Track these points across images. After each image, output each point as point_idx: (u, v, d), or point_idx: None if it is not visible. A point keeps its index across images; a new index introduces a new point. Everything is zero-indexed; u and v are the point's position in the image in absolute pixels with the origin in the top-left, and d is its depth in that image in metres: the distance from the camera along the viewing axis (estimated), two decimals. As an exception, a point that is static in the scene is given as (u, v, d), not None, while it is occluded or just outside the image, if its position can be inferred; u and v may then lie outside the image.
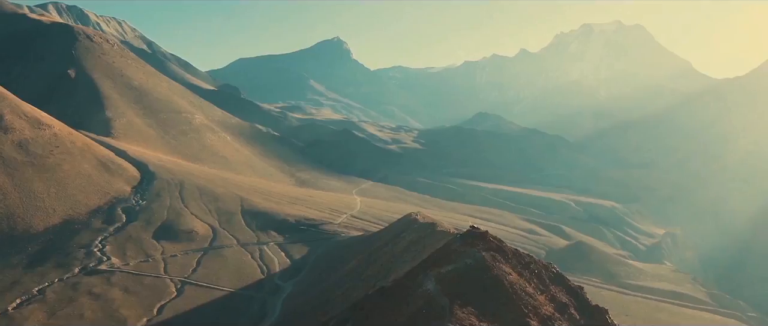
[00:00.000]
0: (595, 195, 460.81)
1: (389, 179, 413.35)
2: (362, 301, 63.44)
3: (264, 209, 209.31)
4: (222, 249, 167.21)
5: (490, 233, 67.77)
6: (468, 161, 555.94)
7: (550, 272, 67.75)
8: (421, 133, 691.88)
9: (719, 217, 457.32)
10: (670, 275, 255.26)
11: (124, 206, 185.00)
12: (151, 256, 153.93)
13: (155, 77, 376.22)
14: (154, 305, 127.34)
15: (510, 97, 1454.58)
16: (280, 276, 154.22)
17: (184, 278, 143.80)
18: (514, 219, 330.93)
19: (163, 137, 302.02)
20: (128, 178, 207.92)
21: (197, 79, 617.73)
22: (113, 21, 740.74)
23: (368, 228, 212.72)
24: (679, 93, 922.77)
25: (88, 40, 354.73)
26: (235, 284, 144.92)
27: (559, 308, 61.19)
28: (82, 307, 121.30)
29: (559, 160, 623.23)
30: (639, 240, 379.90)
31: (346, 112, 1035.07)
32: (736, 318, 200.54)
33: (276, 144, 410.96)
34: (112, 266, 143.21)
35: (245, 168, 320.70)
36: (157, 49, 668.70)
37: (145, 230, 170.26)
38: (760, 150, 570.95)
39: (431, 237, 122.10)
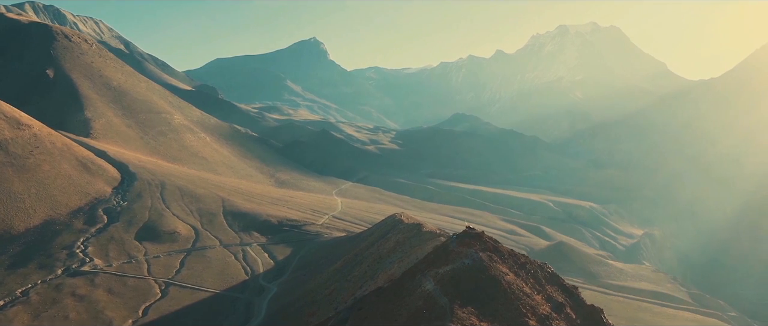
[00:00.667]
0: (574, 196, 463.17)
1: (368, 180, 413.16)
2: (360, 301, 63.35)
3: (246, 210, 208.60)
4: (205, 250, 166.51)
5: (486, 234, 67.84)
6: (446, 162, 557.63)
7: (545, 272, 67.98)
8: (399, 134, 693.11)
9: (697, 218, 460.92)
10: (650, 275, 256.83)
11: (105, 207, 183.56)
12: (134, 257, 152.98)
13: (134, 77, 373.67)
14: (139, 306, 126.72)
15: (486, 97, 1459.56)
16: (265, 277, 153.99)
17: (168, 279, 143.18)
18: (494, 220, 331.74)
19: (142, 137, 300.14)
20: (108, 179, 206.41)
21: (175, 80, 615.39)
22: (90, 20, 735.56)
23: (350, 229, 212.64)
24: (655, 94, 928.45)
25: (67, 39, 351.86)
26: (220, 285, 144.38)
27: (556, 307, 61.37)
28: (67, 309, 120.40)
29: (537, 160, 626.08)
30: (618, 240, 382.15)
31: (323, 112, 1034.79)
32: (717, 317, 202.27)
33: (255, 144, 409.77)
34: (95, 267, 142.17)
35: (225, 169, 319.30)
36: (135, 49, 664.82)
37: (126, 231, 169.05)
38: (735, 151, 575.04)
39: (418, 238, 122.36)
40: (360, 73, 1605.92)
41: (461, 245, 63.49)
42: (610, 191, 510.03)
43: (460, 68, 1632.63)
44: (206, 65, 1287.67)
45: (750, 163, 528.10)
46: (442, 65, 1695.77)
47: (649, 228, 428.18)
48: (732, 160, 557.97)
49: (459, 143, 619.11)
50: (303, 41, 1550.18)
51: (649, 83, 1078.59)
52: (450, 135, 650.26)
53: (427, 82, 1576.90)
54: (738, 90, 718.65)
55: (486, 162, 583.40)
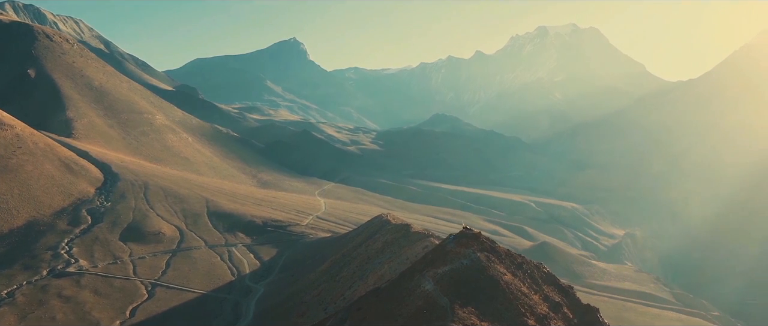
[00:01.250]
0: (555, 197, 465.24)
1: (350, 180, 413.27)
2: (358, 301, 63.36)
3: (230, 210, 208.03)
4: (190, 251, 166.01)
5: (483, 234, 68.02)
6: (427, 162, 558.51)
7: (541, 272, 68.28)
8: (380, 134, 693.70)
9: (677, 219, 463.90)
10: (633, 275, 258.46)
11: (89, 207, 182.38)
12: (120, 258, 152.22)
13: (115, 77, 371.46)
14: (126, 307, 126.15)
15: (466, 98, 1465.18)
16: (251, 278, 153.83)
17: (155, 280, 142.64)
18: (477, 221, 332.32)
19: (124, 138, 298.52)
20: (92, 179, 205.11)
21: (155, 80, 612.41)
22: (70, 20, 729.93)
23: (335, 230, 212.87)
24: (634, 95, 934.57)
25: (48, 39, 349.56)
26: (206, 286, 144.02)
27: (553, 307, 61.72)
28: (54, 310, 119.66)
29: (517, 161, 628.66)
30: (600, 240, 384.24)
31: (303, 113, 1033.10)
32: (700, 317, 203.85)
33: (236, 145, 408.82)
34: (80, 268, 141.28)
35: (207, 170, 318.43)
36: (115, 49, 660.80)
37: (111, 232, 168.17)
38: (715, 152, 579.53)
39: (406, 239, 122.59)
40: (340, 74, 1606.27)
41: (459, 245, 63.63)
42: (590, 191, 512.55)
43: (440, 69, 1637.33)
44: (186, 65, 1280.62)
45: (730, 164, 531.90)
46: (421, 66, 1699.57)
47: (630, 228, 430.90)
48: (712, 161, 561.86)
49: (440, 144, 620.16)
50: (283, 41, 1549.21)
51: (628, 84, 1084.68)
52: (431, 135, 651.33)
53: (406, 83, 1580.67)
54: (717, 91, 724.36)
55: (467, 162, 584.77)
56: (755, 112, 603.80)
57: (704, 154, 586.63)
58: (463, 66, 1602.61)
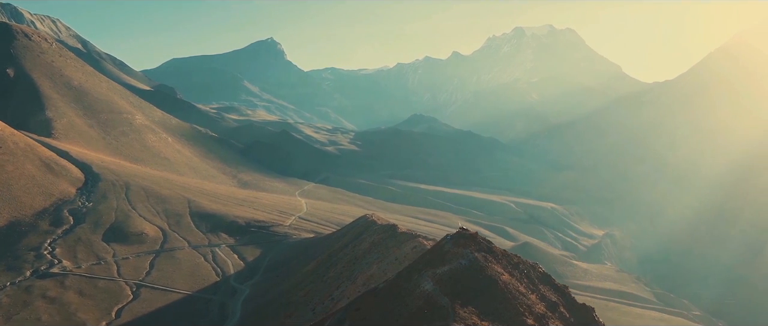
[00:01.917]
0: (534, 197, 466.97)
1: (330, 181, 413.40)
2: (356, 301, 63.40)
3: (212, 211, 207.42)
4: (174, 252, 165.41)
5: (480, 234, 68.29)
6: (405, 163, 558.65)
7: (537, 272, 68.75)
8: (358, 135, 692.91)
9: (655, 219, 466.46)
10: (614, 275, 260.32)
11: (71, 208, 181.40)
12: (103, 259, 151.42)
13: (94, 77, 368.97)
14: (111, 308, 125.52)
15: (442, 99, 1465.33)
16: (236, 278, 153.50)
17: (139, 281, 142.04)
18: (457, 221, 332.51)
19: (104, 138, 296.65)
20: (72, 180, 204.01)
21: (133, 79, 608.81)
22: (47, 19, 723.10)
23: (318, 231, 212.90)
24: (610, 96, 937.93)
25: (27, 38, 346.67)
26: (191, 286, 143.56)
27: (550, 307, 62.15)
28: (39, 311, 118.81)
29: (495, 161, 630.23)
30: (580, 241, 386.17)
31: (281, 113, 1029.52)
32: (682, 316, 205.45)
33: (216, 145, 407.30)
34: (64, 269, 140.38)
35: (187, 170, 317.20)
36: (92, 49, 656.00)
37: (93, 232, 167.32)
38: (692, 153, 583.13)
39: (393, 239, 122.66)
40: (317, 74, 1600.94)
41: (456, 246, 63.86)
42: (568, 192, 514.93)
43: (417, 69, 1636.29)
44: (163, 65, 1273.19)
45: (707, 165, 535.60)
46: (398, 66, 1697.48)
47: (609, 229, 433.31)
48: (689, 162, 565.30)
49: (418, 144, 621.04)
50: (260, 41, 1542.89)
51: (604, 85, 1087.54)
52: (409, 136, 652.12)
53: (383, 83, 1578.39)
54: (693, 92, 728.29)
55: (445, 163, 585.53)
56: (732, 113, 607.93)
57: (681, 155, 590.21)
58: (440, 66, 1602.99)
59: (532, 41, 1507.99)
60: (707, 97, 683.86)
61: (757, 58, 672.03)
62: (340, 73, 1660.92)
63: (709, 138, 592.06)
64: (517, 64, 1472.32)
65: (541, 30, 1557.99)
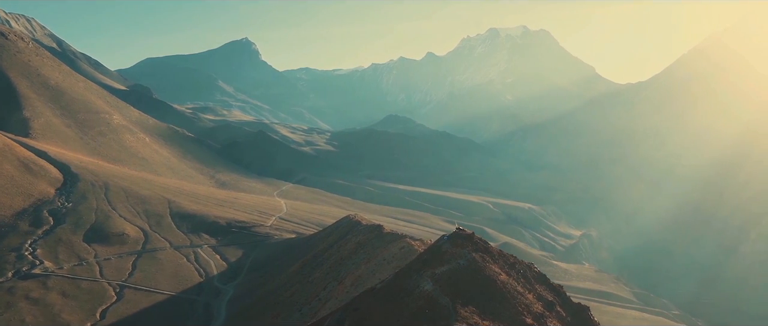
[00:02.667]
0: (511, 198, 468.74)
1: (308, 181, 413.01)
2: (355, 302, 63.52)
3: (193, 211, 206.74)
4: (156, 252, 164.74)
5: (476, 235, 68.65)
6: (382, 163, 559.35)
7: (533, 272, 69.33)
8: (334, 135, 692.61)
9: (631, 219, 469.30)
10: (593, 275, 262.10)
11: (50, 208, 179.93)
12: (85, 260, 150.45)
13: (71, 77, 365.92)
14: (95, 309, 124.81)
15: (417, 99, 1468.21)
16: (219, 279, 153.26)
17: (122, 281, 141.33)
18: (436, 221, 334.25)
19: (82, 138, 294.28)
20: (51, 180, 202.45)
21: (108, 79, 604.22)
22: (22, 18, 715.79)
23: (299, 231, 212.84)
24: (584, 97, 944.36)
25: (2, 37, 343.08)
26: (175, 287, 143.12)
27: (548, 306, 62.70)
28: (22, 312, 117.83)
29: (471, 162, 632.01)
30: (557, 241, 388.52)
31: (255, 113, 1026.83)
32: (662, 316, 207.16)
33: (193, 145, 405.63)
34: (46, 270, 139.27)
35: (165, 170, 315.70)
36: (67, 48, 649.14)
37: (74, 233, 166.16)
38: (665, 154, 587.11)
39: (379, 240, 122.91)
40: (291, 74, 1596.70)
41: (454, 246, 64.16)
42: (544, 192, 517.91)
43: (391, 70, 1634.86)
44: (137, 64, 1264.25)
45: (681, 165, 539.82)
46: (373, 66, 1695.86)
47: (586, 229, 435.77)
48: (663, 162, 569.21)
49: (394, 145, 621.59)
50: (235, 41, 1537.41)
51: (578, 86, 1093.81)
52: (385, 136, 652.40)
53: (358, 84, 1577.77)
54: (666, 94, 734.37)
55: (421, 163, 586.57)
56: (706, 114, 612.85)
57: (655, 156, 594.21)
58: (415, 67, 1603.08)
59: (507, 42, 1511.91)
60: (681, 98, 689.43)
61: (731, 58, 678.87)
62: (315, 74, 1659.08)
63: (683, 138, 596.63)
64: (492, 64, 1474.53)
65: (515, 31, 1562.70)
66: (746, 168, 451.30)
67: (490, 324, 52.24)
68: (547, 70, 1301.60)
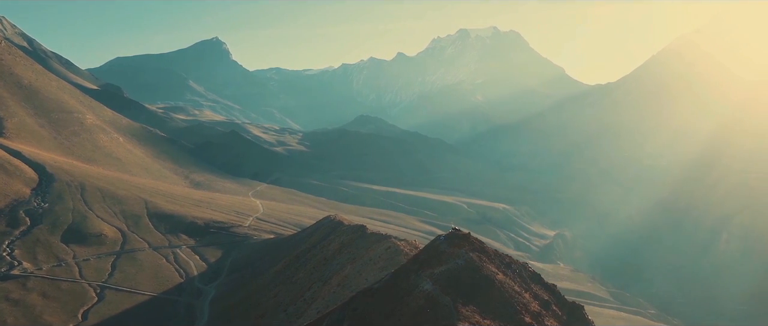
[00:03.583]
0: (484, 198, 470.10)
1: (282, 181, 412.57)
2: (353, 301, 63.59)
3: (170, 212, 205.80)
4: (135, 253, 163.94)
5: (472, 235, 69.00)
6: (354, 163, 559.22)
7: (528, 271, 69.91)
8: (306, 135, 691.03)
9: (603, 219, 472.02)
10: (570, 274, 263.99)
11: (26, 209, 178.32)
12: (64, 260, 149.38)
13: (44, 76, 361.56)
14: (77, 310, 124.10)
15: (387, 99, 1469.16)
16: (200, 280, 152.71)
17: (102, 282, 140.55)
18: (412, 222, 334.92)
19: (55, 138, 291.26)
20: (26, 180, 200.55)
21: (80, 78, 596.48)
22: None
23: (278, 231, 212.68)
24: (554, 98, 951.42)
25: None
26: (156, 288, 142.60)
27: (544, 305, 63.20)
28: (4, 313, 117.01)
29: (443, 162, 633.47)
30: (532, 241, 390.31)
31: (226, 113, 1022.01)
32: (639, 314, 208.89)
33: (166, 145, 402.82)
34: (25, 271, 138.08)
35: (139, 170, 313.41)
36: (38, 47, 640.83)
37: (52, 233, 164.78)
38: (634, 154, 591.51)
39: (364, 240, 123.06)
40: (262, 74, 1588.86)
41: (451, 246, 64.49)
42: (517, 193, 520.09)
43: (362, 70, 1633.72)
44: (107, 64, 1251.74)
45: (651, 166, 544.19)
46: (343, 67, 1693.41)
47: (560, 229, 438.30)
48: (633, 162, 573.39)
49: (366, 145, 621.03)
50: (205, 41, 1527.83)
51: (548, 87, 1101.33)
52: (357, 136, 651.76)
53: (328, 84, 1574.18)
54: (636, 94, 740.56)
55: (394, 164, 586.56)
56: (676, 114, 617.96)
57: (625, 156, 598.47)
58: (385, 67, 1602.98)
59: (477, 43, 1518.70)
60: (651, 99, 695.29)
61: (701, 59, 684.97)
62: (285, 73, 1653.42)
63: (654, 139, 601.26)
64: (462, 65, 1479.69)
65: (486, 32, 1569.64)
66: (717, 169, 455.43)
67: (491, 323, 52.64)
68: (517, 70, 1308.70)
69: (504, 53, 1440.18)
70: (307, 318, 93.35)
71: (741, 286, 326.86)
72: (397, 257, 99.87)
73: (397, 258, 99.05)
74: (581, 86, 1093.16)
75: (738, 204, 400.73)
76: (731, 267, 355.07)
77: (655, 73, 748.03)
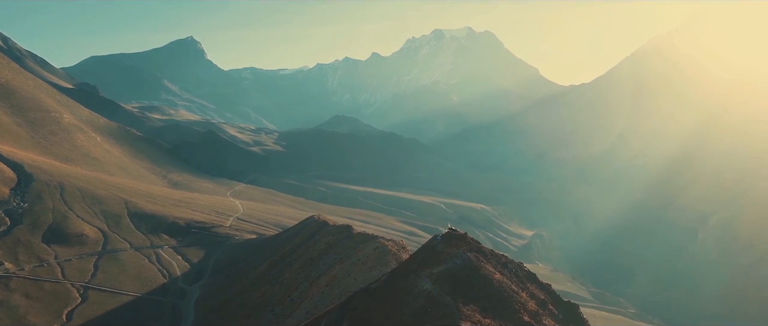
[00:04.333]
0: (461, 198, 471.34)
1: (260, 181, 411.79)
2: (351, 301, 63.75)
3: (151, 212, 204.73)
4: (117, 253, 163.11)
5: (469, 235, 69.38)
6: (331, 163, 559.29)
7: (523, 270, 70.41)
8: (282, 135, 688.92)
9: (580, 219, 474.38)
10: (550, 274, 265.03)
11: (6, 208, 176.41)
12: (46, 261, 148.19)
13: (21, 74, 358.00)
14: (61, 311, 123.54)
15: (362, 99, 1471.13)
16: (184, 280, 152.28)
17: (85, 283, 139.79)
18: (391, 222, 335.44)
19: (33, 137, 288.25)
20: (5, 180, 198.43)
21: (55, 77, 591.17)
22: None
23: (259, 231, 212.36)
24: (528, 98, 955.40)
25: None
26: (140, 288, 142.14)
27: (540, 304, 63.68)
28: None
29: (420, 162, 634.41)
30: (510, 241, 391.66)
31: (201, 112, 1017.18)
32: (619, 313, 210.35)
33: (144, 145, 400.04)
34: (7, 271, 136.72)
35: (117, 170, 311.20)
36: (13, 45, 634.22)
37: (32, 234, 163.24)
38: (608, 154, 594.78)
39: (351, 240, 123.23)
40: (236, 73, 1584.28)
41: (449, 245, 64.89)
42: (494, 193, 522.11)
43: (337, 70, 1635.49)
44: (81, 63, 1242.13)
45: (626, 166, 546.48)
46: (318, 67, 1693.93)
47: (537, 229, 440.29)
48: (607, 162, 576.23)
49: (343, 145, 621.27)
50: (179, 40, 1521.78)
51: (522, 88, 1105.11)
52: (333, 137, 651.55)
53: (303, 84, 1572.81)
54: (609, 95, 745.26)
55: (370, 164, 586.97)
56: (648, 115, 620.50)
57: (599, 156, 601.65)
58: (360, 67, 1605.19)
59: (451, 43, 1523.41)
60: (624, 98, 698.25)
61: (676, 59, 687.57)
62: (260, 73, 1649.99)
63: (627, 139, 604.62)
64: (437, 65, 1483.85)
65: (460, 32, 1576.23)
66: (693, 168, 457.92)
67: (492, 323, 53.00)
68: (491, 71, 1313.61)
69: (479, 54, 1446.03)
70: (296, 318, 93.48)
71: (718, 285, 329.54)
72: (385, 257, 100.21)
73: (385, 258, 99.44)
74: (556, 87, 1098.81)
75: (714, 204, 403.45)
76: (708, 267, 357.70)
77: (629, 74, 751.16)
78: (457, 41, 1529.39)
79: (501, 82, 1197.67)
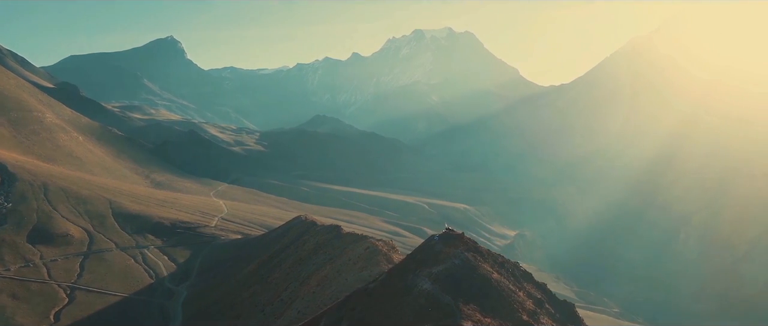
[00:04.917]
0: (444, 198, 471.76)
1: (242, 181, 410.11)
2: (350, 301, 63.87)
3: (135, 212, 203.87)
4: (102, 254, 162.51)
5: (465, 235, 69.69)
6: (313, 163, 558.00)
7: (520, 270, 70.91)
8: (263, 135, 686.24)
9: (561, 219, 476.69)
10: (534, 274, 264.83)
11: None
12: (31, 261, 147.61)
13: (2, 74, 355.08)
14: (48, 311, 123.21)
15: (342, 99, 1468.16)
16: (170, 280, 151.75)
17: (72, 283, 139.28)
18: (375, 222, 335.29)
19: (15, 137, 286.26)
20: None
21: (36, 76, 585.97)
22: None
23: (244, 232, 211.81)
24: (508, 99, 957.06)
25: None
26: (127, 289, 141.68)
27: (537, 303, 64.16)
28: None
29: (401, 163, 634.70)
30: (493, 241, 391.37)
31: (182, 112, 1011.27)
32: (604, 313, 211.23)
33: (126, 145, 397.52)
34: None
35: (100, 170, 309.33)
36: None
37: (17, 234, 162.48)
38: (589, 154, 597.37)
39: (340, 240, 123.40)
40: (216, 73, 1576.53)
41: (447, 245, 65.25)
42: (476, 193, 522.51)
43: (317, 70, 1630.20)
44: (61, 62, 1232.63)
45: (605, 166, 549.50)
46: (298, 66, 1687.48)
47: (520, 229, 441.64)
48: (587, 163, 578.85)
49: (324, 145, 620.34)
50: (160, 40, 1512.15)
51: (503, 88, 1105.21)
52: (314, 137, 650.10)
53: (283, 83, 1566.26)
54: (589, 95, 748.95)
55: (351, 164, 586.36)
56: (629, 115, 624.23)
57: (580, 156, 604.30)
58: (340, 67, 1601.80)
59: (432, 44, 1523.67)
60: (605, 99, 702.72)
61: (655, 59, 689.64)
62: (240, 73, 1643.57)
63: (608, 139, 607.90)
64: (417, 66, 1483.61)
65: (441, 32, 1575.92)
66: (674, 168, 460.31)
67: (492, 322, 53.32)
68: (472, 71, 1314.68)
69: (459, 54, 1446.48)
70: (287, 319, 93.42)
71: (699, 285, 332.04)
72: (375, 257, 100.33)
73: (376, 258, 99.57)
74: (536, 87, 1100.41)
75: (695, 204, 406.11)
76: (690, 266, 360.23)
77: (608, 75, 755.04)
78: (438, 41, 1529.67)
79: (481, 82, 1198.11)
